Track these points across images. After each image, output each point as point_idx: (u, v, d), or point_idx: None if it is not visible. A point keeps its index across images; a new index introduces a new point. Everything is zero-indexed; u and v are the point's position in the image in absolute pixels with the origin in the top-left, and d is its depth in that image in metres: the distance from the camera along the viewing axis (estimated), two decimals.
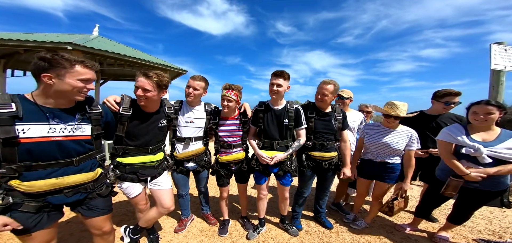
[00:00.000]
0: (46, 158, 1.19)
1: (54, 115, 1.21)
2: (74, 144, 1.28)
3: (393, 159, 2.21)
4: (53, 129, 1.20)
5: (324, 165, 2.23)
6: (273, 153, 2.06)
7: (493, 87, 2.93)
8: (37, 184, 1.17)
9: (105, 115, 1.49)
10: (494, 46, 2.89)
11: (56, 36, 4.15)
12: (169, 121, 1.97)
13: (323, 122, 2.20)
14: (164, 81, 1.70)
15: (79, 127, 1.31)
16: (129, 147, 1.73)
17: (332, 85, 2.12)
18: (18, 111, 1.11)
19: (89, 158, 1.37)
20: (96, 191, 1.42)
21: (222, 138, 2.15)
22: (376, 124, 2.39)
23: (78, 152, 1.30)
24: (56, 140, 1.21)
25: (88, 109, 1.37)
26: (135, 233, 2.00)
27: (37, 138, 1.15)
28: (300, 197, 2.45)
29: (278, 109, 2.10)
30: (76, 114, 1.30)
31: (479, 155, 1.76)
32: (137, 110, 1.72)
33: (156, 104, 1.81)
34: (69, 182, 1.26)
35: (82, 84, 1.22)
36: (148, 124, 1.77)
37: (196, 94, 2.03)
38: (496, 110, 1.76)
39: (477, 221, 2.74)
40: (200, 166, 2.24)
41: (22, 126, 1.12)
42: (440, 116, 2.43)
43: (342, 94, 2.66)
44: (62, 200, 1.28)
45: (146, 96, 1.63)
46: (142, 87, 1.61)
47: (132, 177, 1.76)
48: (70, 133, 1.26)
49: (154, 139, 1.82)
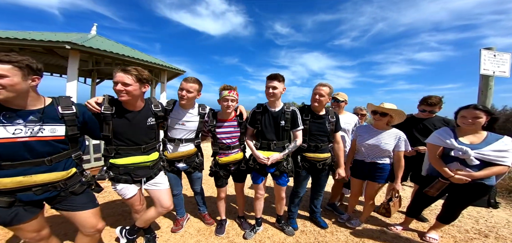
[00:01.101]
0: (15, 157, 1.23)
1: (12, 116, 1.22)
2: (42, 144, 1.30)
3: (383, 160, 2.30)
4: (19, 130, 1.22)
5: (318, 165, 2.30)
6: (270, 153, 2.11)
7: (482, 92, 3.04)
8: (3, 181, 1.21)
9: (81, 115, 1.48)
10: (483, 51, 3.00)
11: (54, 35, 4.12)
12: (157, 119, 1.93)
13: (317, 124, 2.27)
14: (144, 75, 1.69)
15: (48, 127, 1.31)
16: (121, 147, 1.72)
17: (328, 88, 2.22)
18: None
19: (64, 158, 1.39)
20: (69, 189, 1.43)
21: (220, 140, 2.17)
22: (368, 126, 2.49)
23: (49, 152, 1.32)
24: (22, 140, 1.23)
25: (61, 110, 1.37)
26: (132, 233, 2.02)
27: (2, 139, 1.19)
28: (295, 197, 2.51)
29: (275, 111, 2.15)
30: (30, 115, 1.27)
31: (467, 157, 1.85)
32: (121, 108, 1.70)
33: (139, 100, 1.77)
34: (36, 180, 1.29)
35: None
36: (135, 122, 1.75)
37: (190, 97, 2.01)
38: (483, 115, 1.86)
39: (465, 221, 2.85)
40: (191, 167, 2.24)
41: None
42: (427, 119, 2.57)
43: (337, 97, 2.73)
44: (31, 197, 1.31)
45: (126, 91, 1.60)
46: (121, 82, 1.57)
47: (126, 178, 1.76)
48: (38, 133, 1.27)
49: (144, 138, 1.81)
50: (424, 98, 2.59)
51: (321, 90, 2.20)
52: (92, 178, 1.60)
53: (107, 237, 2.22)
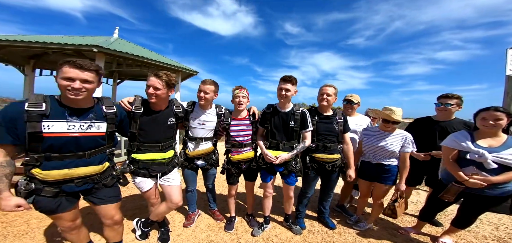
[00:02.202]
0: (64, 150, 1.37)
1: (72, 113, 1.39)
2: (89, 139, 1.46)
3: (389, 161, 2.29)
4: (72, 126, 1.38)
5: (327, 166, 2.32)
6: (278, 153, 2.18)
7: (508, 94, 2.85)
8: (52, 173, 1.35)
9: (119, 114, 1.67)
10: (510, 51, 2.81)
11: (82, 38, 4.49)
12: (177, 119, 2.09)
13: (325, 124, 2.29)
14: (172, 80, 1.88)
15: (95, 124, 1.47)
16: (142, 144, 1.88)
17: (333, 88, 2.27)
18: (46, 110, 1.30)
19: (100, 152, 1.54)
20: (102, 182, 1.58)
21: (233, 137, 2.29)
22: (374, 128, 2.47)
23: (91, 147, 1.47)
24: (74, 135, 1.39)
25: (105, 110, 1.55)
26: (146, 226, 2.19)
27: (59, 133, 1.34)
28: (303, 197, 2.54)
29: (285, 112, 2.21)
30: (90, 113, 1.46)
31: (484, 161, 1.79)
32: (148, 108, 1.88)
33: (165, 102, 1.96)
34: (78, 173, 1.43)
35: (66, 82, 1.30)
36: (158, 121, 1.92)
37: (208, 97, 2.16)
38: (505, 117, 1.79)
39: (483, 227, 2.72)
40: (208, 163, 2.40)
41: (48, 123, 1.31)
42: (448, 122, 2.45)
43: (351, 99, 2.74)
44: (72, 188, 1.46)
45: (156, 94, 1.79)
46: (153, 86, 1.78)
47: (144, 172, 1.92)
48: (87, 130, 1.43)
49: (164, 136, 1.96)
50: (440, 95, 2.50)
51: (328, 90, 2.24)
52: (121, 173, 1.76)
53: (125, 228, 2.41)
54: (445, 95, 2.44)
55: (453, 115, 2.45)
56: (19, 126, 1.26)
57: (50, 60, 5.24)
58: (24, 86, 5.22)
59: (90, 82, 1.37)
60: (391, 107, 2.23)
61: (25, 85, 5.18)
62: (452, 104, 2.38)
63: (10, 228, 2.36)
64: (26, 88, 5.20)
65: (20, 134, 1.27)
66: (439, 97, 2.48)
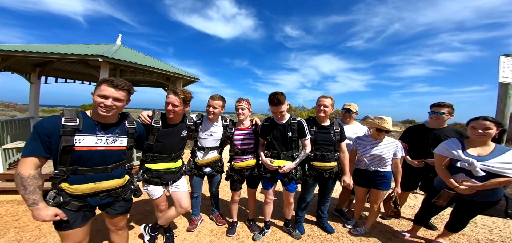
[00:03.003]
0: (89, 164, 1.44)
1: (101, 128, 1.49)
2: (113, 153, 1.54)
3: (385, 168, 2.42)
4: (99, 140, 1.46)
5: (325, 174, 2.42)
6: (282, 162, 2.28)
7: (501, 100, 2.92)
8: (81, 187, 1.43)
9: (138, 130, 1.77)
10: (502, 58, 2.88)
11: (87, 47, 4.61)
12: (189, 131, 2.27)
13: (322, 134, 2.40)
14: (189, 97, 2.04)
15: (119, 138, 1.57)
16: (156, 155, 2.01)
17: (330, 99, 2.38)
18: (79, 125, 1.40)
19: (120, 166, 1.61)
20: (122, 196, 1.66)
21: (236, 146, 2.45)
22: (366, 137, 2.57)
23: (113, 160, 1.55)
24: (101, 149, 1.47)
25: (127, 125, 1.65)
26: (154, 230, 2.30)
27: (88, 147, 1.42)
28: (302, 202, 2.64)
29: (282, 123, 2.32)
30: (116, 129, 1.57)
31: (473, 169, 1.88)
32: (165, 122, 2.03)
33: (181, 117, 2.12)
34: (104, 186, 1.51)
35: (101, 99, 1.41)
36: (173, 134, 2.08)
37: (216, 112, 2.35)
38: (494, 126, 1.88)
39: (478, 230, 2.80)
40: (215, 170, 2.57)
41: (80, 137, 1.39)
42: (441, 130, 2.53)
43: (350, 108, 2.85)
44: (97, 201, 1.53)
45: (174, 111, 1.96)
46: (172, 103, 1.93)
47: (156, 181, 2.04)
48: (111, 144, 1.52)
49: (176, 147, 2.12)
50: (433, 104, 2.60)
51: (325, 102, 2.35)
52: (137, 186, 1.84)
53: (132, 234, 2.51)
54: (437, 104, 2.53)
55: (445, 123, 2.54)
56: (54, 139, 1.33)
57: (54, 68, 5.37)
58: (30, 94, 5.34)
59: (121, 100, 1.48)
60: (382, 117, 2.35)
61: (31, 93, 5.31)
62: (445, 113, 2.47)
63: (23, 233, 2.48)
64: (32, 96, 5.33)
65: (53, 147, 1.34)
66: (432, 106, 2.57)
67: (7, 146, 3.94)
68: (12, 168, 4.08)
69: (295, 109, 12.66)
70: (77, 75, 5.80)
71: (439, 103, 2.51)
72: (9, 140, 4.24)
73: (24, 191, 1.27)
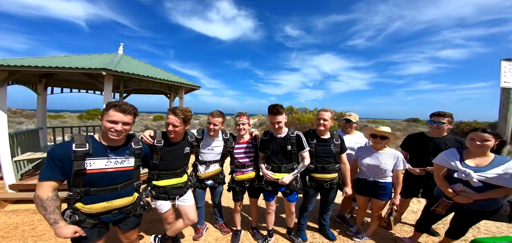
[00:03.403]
0: (100, 185, 1.53)
1: (111, 151, 1.58)
2: (122, 173, 1.63)
3: (384, 179, 2.44)
4: (109, 162, 1.56)
5: (325, 185, 2.48)
6: (280, 175, 2.34)
7: (504, 105, 2.91)
8: (94, 206, 1.53)
9: (144, 150, 1.86)
10: (504, 63, 2.86)
11: (90, 58, 4.70)
12: (191, 148, 2.35)
13: (322, 146, 2.45)
14: (188, 116, 2.10)
15: (127, 159, 1.66)
16: (162, 172, 2.10)
17: (330, 112, 2.43)
18: (89, 150, 1.48)
19: (129, 185, 1.71)
20: (132, 212, 1.76)
21: (237, 159, 2.51)
22: (367, 147, 2.61)
23: (122, 180, 1.64)
24: (110, 171, 1.56)
25: (134, 146, 1.74)
26: (163, 241, 2.39)
27: (98, 169, 1.51)
28: (304, 211, 2.70)
29: (281, 137, 2.37)
30: (126, 150, 1.67)
31: (470, 179, 1.91)
32: (167, 140, 2.11)
33: (182, 135, 2.19)
34: (116, 205, 1.62)
35: (111, 125, 1.50)
36: (176, 152, 2.15)
37: (216, 129, 2.40)
38: (492, 138, 1.90)
39: (481, 236, 2.80)
40: (216, 182, 2.65)
41: (90, 161, 1.49)
42: (441, 138, 2.55)
43: (350, 118, 2.88)
44: (110, 218, 1.64)
45: (175, 131, 2.02)
46: (172, 123, 2.00)
47: (164, 196, 2.14)
48: (120, 165, 1.61)
49: (180, 164, 2.20)
50: (433, 113, 2.62)
51: (324, 115, 2.40)
52: (146, 202, 1.94)
53: None
54: (437, 114, 2.54)
55: (445, 132, 2.55)
56: (66, 164, 1.43)
57: (60, 79, 5.49)
58: (38, 105, 5.48)
59: (129, 124, 1.58)
60: (379, 126, 2.43)
61: (38, 104, 5.44)
62: (444, 123, 2.49)
63: (40, 242, 2.62)
64: (39, 106, 5.47)
65: (66, 171, 1.44)
66: (432, 116, 2.59)
67: (18, 158, 4.08)
68: (24, 178, 4.24)
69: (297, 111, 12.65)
70: (81, 85, 5.93)
71: (439, 113, 2.53)
72: (19, 151, 4.38)
73: (45, 211, 1.38)
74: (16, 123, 14.47)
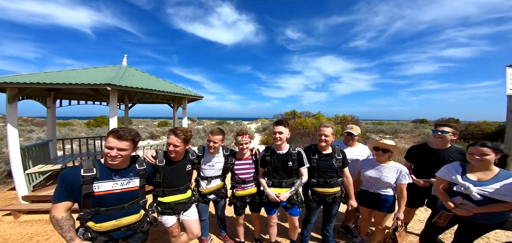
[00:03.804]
0: (108, 205, 1.64)
1: (115, 173, 1.69)
2: (128, 193, 1.73)
3: (385, 191, 2.42)
4: (115, 184, 1.67)
5: (328, 199, 2.48)
6: (280, 190, 2.36)
7: (511, 112, 2.84)
8: (104, 225, 1.64)
9: (148, 170, 1.96)
10: (509, 69, 2.79)
11: (95, 72, 4.84)
12: (193, 165, 2.41)
13: (324, 161, 2.45)
14: (188, 136, 2.19)
15: (132, 180, 1.76)
16: (166, 189, 2.18)
17: (330, 128, 2.44)
18: (96, 174, 1.59)
19: (135, 204, 1.81)
20: (140, 228, 1.85)
21: (237, 175, 2.54)
22: (372, 160, 2.59)
23: (129, 199, 1.74)
24: (117, 192, 1.67)
25: (138, 167, 1.84)
26: None
27: (105, 191, 1.62)
28: (307, 222, 2.70)
29: (282, 153, 2.40)
30: (130, 172, 1.76)
31: (470, 193, 1.89)
32: (169, 159, 2.18)
33: (183, 154, 2.26)
34: (124, 222, 1.72)
35: (107, 150, 1.60)
36: (178, 170, 2.23)
37: (216, 146, 2.46)
38: (491, 152, 1.86)
39: None
40: (218, 197, 2.69)
41: (98, 184, 1.60)
42: (445, 150, 2.52)
43: (352, 131, 2.88)
44: (120, 235, 1.74)
45: (175, 150, 2.10)
46: (173, 144, 2.08)
47: (169, 212, 2.21)
48: (125, 186, 1.72)
49: (183, 181, 2.27)
50: (437, 123, 2.60)
51: (326, 131, 2.41)
52: (154, 218, 2.01)
53: None
54: (442, 123, 2.51)
55: (448, 143, 2.51)
56: (76, 188, 1.55)
57: (67, 92, 5.66)
58: (47, 118, 5.67)
59: (125, 149, 1.65)
60: (383, 139, 2.44)
61: (48, 117, 5.62)
62: (448, 132, 2.45)
63: None
64: (48, 119, 5.65)
65: (76, 193, 1.56)
66: (436, 125, 2.56)
67: (30, 171, 4.23)
68: (36, 189, 4.38)
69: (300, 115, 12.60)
70: (88, 97, 6.10)
71: (443, 123, 2.51)
72: (31, 163, 4.53)
73: (61, 230, 1.49)
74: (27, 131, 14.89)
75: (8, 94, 3.93)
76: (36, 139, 12.27)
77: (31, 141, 11.95)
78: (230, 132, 15.95)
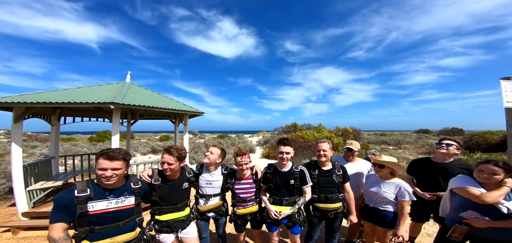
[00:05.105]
0: (103, 223, 1.65)
1: (109, 193, 1.70)
2: (122, 212, 1.74)
3: (385, 207, 2.40)
4: (110, 203, 1.68)
5: (329, 214, 2.45)
6: (281, 208, 2.34)
7: (510, 126, 2.83)
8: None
9: (143, 188, 1.97)
10: (503, 82, 2.81)
11: (99, 89, 4.97)
12: (190, 183, 2.40)
13: (325, 177, 2.46)
14: (183, 154, 2.21)
15: (127, 198, 1.77)
16: (163, 207, 2.18)
17: (327, 143, 2.47)
18: (90, 194, 1.61)
19: (131, 221, 1.80)
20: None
21: (238, 195, 2.53)
22: (374, 175, 2.60)
23: (124, 217, 1.74)
24: (112, 210, 1.68)
25: (132, 186, 1.85)
26: None
27: (100, 210, 1.64)
28: (309, 239, 2.66)
29: (285, 171, 2.41)
30: (125, 191, 1.78)
31: (500, 206, 1.80)
32: (164, 178, 2.19)
33: (178, 172, 2.27)
34: (119, 240, 1.71)
35: (101, 172, 1.63)
36: (174, 188, 2.23)
37: (211, 158, 2.46)
38: (502, 173, 1.81)
39: None
40: (218, 214, 2.64)
41: (92, 203, 1.62)
42: (449, 163, 2.52)
43: (351, 147, 2.90)
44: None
45: (170, 168, 2.12)
46: (167, 162, 2.10)
47: (166, 230, 2.19)
48: (120, 204, 1.73)
49: (180, 199, 2.26)
50: (442, 137, 2.62)
51: (323, 146, 2.45)
52: (151, 236, 2.00)
53: None
54: (447, 138, 2.57)
55: (452, 157, 2.51)
56: (71, 208, 1.57)
57: (71, 109, 5.79)
58: (51, 135, 5.76)
59: (119, 169, 1.68)
60: (382, 156, 2.45)
61: (52, 134, 5.72)
62: (453, 145, 2.47)
63: None
64: (52, 137, 5.74)
65: (71, 214, 1.58)
66: (441, 139, 2.59)
67: (31, 187, 4.25)
68: (36, 206, 4.38)
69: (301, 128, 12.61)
70: (92, 114, 6.22)
71: (448, 138, 2.56)
72: (33, 180, 4.56)
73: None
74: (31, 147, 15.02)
75: (14, 114, 4.03)
76: (39, 154, 12.35)
77: (34, 156, 12.03)
78: (231, 145, 15.89)
